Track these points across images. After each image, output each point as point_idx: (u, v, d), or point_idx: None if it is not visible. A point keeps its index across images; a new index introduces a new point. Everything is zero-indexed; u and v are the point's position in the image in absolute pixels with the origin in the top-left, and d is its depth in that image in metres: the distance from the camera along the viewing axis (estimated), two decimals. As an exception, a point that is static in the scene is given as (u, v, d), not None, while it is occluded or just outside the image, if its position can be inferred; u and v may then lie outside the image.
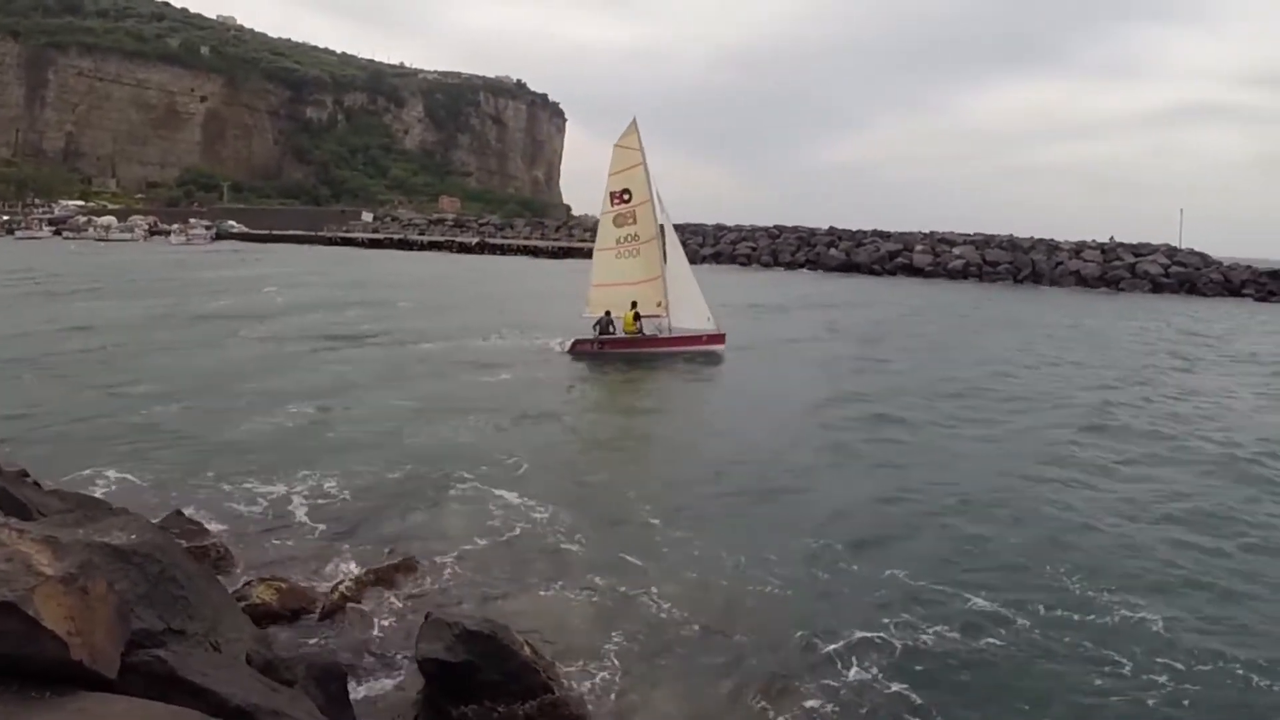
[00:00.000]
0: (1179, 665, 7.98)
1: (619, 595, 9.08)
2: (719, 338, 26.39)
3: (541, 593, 9.06)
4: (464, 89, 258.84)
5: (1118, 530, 11.77)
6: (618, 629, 8.31)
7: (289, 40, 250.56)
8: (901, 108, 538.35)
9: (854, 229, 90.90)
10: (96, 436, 14.46)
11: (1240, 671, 7.92)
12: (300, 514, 11.18)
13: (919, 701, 7.30)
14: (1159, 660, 8.05)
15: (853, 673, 7.72)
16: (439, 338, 28.19)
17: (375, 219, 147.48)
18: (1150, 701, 7.43)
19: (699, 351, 25.91)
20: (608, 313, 26.01)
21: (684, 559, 10.16)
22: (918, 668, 7.86)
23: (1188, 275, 70.35)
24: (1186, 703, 7.45)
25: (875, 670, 7.77)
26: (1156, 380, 25.08)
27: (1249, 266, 73.96)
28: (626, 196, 26.43)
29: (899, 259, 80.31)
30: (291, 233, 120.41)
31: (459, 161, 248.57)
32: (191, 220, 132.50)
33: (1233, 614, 9.21)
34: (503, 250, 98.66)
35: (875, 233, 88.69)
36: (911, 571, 9.92)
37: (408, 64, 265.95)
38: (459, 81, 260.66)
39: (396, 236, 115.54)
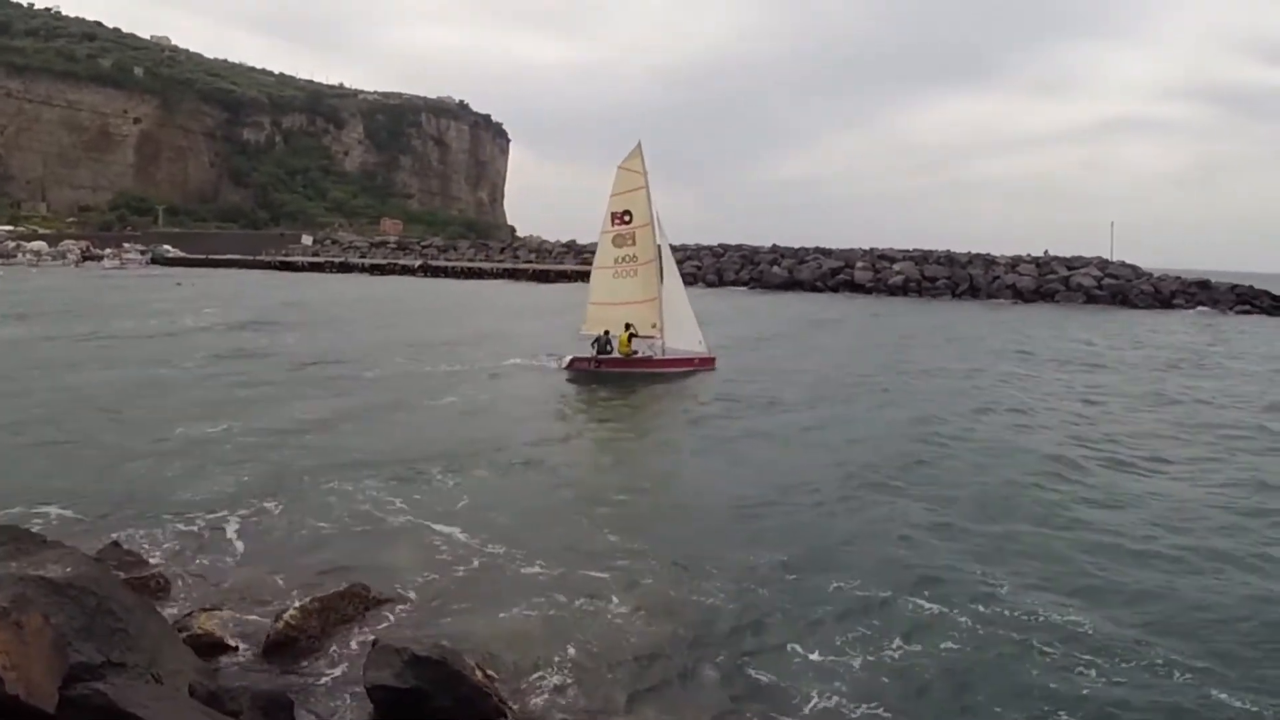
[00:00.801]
0: (1100, 660, 8.22)
1: (574, 614, 9.05)
2: (710, 361, 27.15)
3: (494, 614, 8.99)
4: (405, 110, 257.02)
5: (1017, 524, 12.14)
6: (573, 650, 8.27)
7: (225, 61, 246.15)
8: (845, 124, 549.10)
9: (796, 246, 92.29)
10: (27, 467, 14.00)
11: (1164, 665, 8.19)
12: (242, 542, 10.96)
13: (872, 713, 7.41)
14: (1083, 655, 8.29)
15: (806, 685, 7.80)
16: (386, 361, 27.86)
17: (315, 242, 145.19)
18: (1082, 692, 7.64)
19: (691, 372, 26.47)
20: (606, 332, 26.42)
21: (640, 576, 10.18)
22: (867, 677, 7.97)
23: (1120, 287, 72.49)
24: (1118, 692, 7.67)
25: (827, 682, 7.86)
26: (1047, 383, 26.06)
27: (1178, 277, 76.57)
28: (627, 218, 26.96)
29: (840, 276, 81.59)
30: (229, 257, 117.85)
31: (400, 183, 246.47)
32: (126, 245, 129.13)
33: (1134, 606, 9.52)
34: (446, 273, 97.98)
35: (817, 250, 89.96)
36: (854, 581, 10.09)
37: (347, 85, 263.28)
38: (400, 102, 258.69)
39: (337, 260, 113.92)
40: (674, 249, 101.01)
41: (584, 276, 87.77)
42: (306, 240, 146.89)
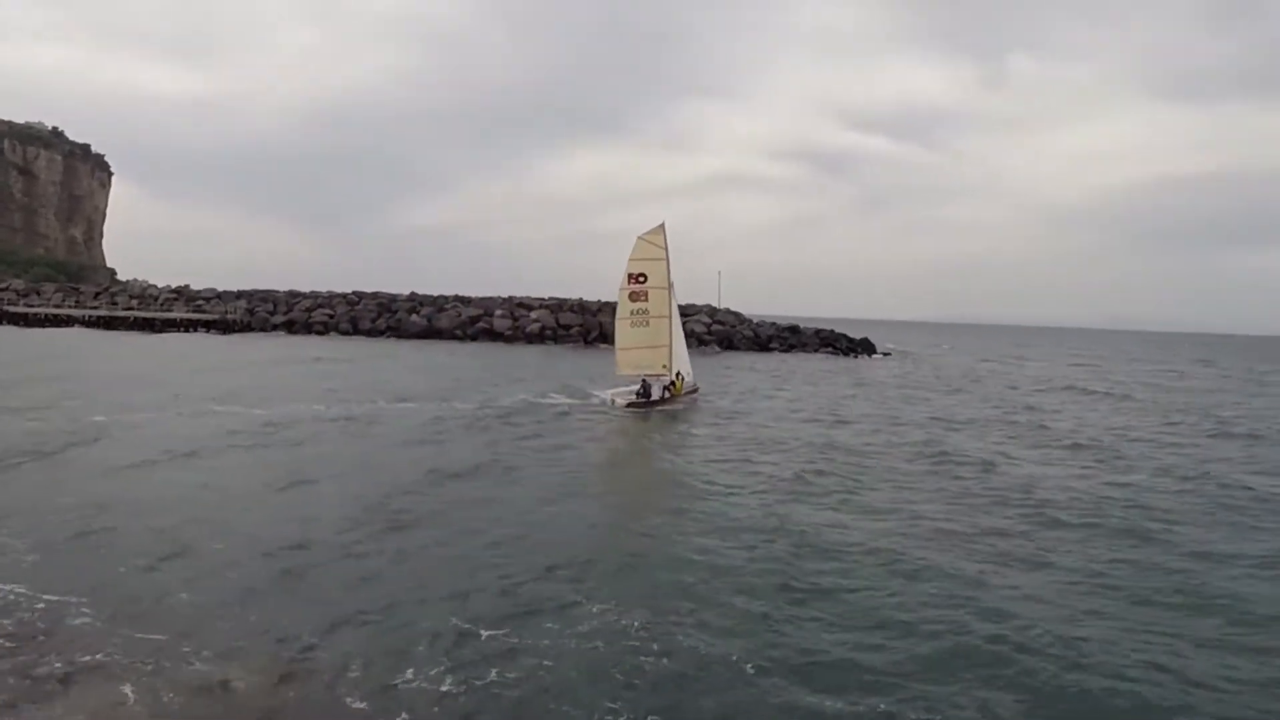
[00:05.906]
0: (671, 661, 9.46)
1: (161, 678, 8.57)
2: (696, 390, 36.99)
3: (72, 689, 8.24)
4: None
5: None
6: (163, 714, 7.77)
7: None
8: (484, 172, 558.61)
9: (435, 294, 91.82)
10: None
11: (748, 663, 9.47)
12: None
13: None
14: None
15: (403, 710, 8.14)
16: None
17: None
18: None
19: (692, 400, 35.80)
20: (645, 380, 33.85)
21: (218, 628, 9.88)
22: (463, 700, 8.46)
23: (726, 333, 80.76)
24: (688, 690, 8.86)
25: (425, 706, 8.27)
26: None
27: (774, 323, 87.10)
28: (642, 279, 34.83)
29: (480, 324, 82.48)
30: None
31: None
32: None
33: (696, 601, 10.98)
34: (25, 320, 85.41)
35: (456, 298, 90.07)
36: (458, 610, 10.56)
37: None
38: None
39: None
40: (303, 296, 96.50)
41: (199, 325, 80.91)
42: None
